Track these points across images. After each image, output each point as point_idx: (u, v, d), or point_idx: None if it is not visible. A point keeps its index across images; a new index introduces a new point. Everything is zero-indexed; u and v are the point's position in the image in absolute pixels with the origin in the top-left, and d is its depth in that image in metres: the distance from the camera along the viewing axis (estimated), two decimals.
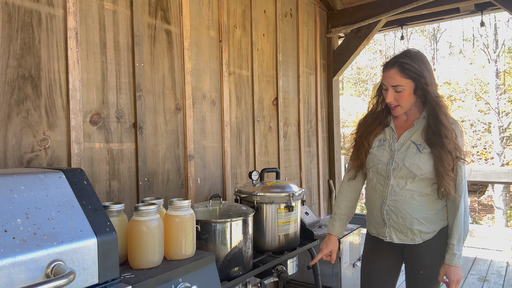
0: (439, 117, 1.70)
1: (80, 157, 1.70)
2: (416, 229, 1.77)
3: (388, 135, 1.84)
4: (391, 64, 1.74)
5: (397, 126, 1.85)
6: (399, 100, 1.75)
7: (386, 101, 1.78)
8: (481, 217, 11.30)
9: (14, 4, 1.50)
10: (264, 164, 2.99)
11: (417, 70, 1.69)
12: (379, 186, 1.84)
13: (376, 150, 1.85)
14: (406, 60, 1.71)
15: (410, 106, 1.78)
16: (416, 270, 1.81)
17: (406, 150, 1.76)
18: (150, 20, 2.07)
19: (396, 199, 1.78)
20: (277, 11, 3.18)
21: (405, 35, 13.13)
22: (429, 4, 3.50)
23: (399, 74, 1.71)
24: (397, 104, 1.76)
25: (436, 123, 1.71)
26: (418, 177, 1.73)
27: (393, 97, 1.74)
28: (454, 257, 1.70)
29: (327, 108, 4.12)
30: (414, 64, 1.70)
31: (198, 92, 2.37)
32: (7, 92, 1.48)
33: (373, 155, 1.85)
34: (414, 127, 1.78)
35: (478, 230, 5.27)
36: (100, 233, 1.01)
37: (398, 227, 1.81)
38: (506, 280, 3.99)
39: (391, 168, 1.78)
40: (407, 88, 1.72)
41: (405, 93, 1.72)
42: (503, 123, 12.16)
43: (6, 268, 0.83)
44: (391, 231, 1.83)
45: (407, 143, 1.78)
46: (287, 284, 3.01)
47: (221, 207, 1.97)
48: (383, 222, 1.84)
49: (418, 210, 1.76)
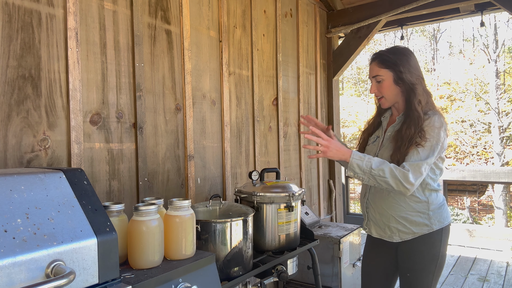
0: (411, 101, 1.76)
1: (80, 157, 1.70)
2: (394, 226, 1.79)
3: (380, 132, 1.96)
4: (373, 58, 1.87)
5: (388, 124, 1.94)
6: (381, 91, 1.84)
7: (370, 93, 1.88)
8: (481, 217, 11.30)
9: (14, 4, 1.50)
10: (264, 164, 2.99)
11: (393, 59, 1.79)
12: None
13: (370, 146, 1.96)
14: (385, 53, 1.84)
15: (394, 98, 1.85)
16: (405, 273, 1.81)
17: (388, 145, 1.84)
18: (150, 20, 2.07)
19: (374, 193, 1.86)
20: (277, 11, 3.18)
21: (405, 35, 13.14)
22: (429, 4, 3.50)
23: (377, 65, 1.83)
24: (381, 96, 1.86)
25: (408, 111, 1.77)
26: None
27: (376, 88, 1.85)
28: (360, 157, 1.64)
29: (327, 108, 4.12)
30: (392, 55, 1.80)
31: (198, 92, 2.37)
32: (7, 92, 1.48)
33: (367, 151, 1.96)
34: (397, 122, 1.86)
35: (478, 230, 5.26)
36: (100, 233, 1.01)
37: (376, 221, 1.87)
38: (506, 280, 3.99)
39: None
40: (386, 77, 1.81)
41: (385, 83, 1.81)
42: (503, 123, 12.17)
43: (6, 268, 0.83)
44: (370, 225, 1.90)
45: (390, 138, 1.85)
46: (287, 284, 3.01)
47: (221, 207, 1.97)
48: (365, 215, 1.93)
49: (396, 208, 1.78)
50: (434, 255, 1.77)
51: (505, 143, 12.44)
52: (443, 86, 14.66)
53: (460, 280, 4.03)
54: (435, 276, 1.77)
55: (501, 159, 12.02)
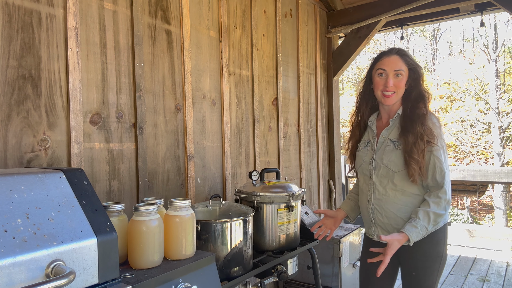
0: (418, 104, 1.77)
1: (80, 157, 1.70)
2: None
3: (371, 136, 1.91)
4: (390, 51, 1.84)
5: (378, 127, 1.91)
6: (397, 86, 1.79)
7: (388, 85, 1.78)
8: (481, 217, 11.30)
9: (14, 4, 1.50)
10: (264, 164, 2.99)
11: (413, 61, 1.82)
12: (365, 186, 1.90)
13: (362, 151, 1.93)
14: (402, 51, 1.84)
15: (400, 97, 1.83)
16: (409, 272, 1.81)
17: (384, 148, 1.81)
18: (150, 20, 2.07)
19: (380, 198, 1.82)
20: (277, 11, 3.18)
21: (405, 35, 13.12)
22: (429, 4, 3.50)
23: (400, 59, 1.79)
24: (394, 91, 1.80)
25: (412, 109, 1.77)
26: (397, 174, 1.75)
27: (393, 82, 1.79)
28: (414, 230, 1.65)
29: (327, 108, 4.12)
30: (409, 56, 1.84)
31: (198, 92, 2.37)
32: (7, 92, 1.48)
33: (359, 157, 1.93)
34: (391, 125, 1.84)
35: (478, 230, 5.26)
36: (100, 233, 1.01)
37: (384, 226, 1.84)
38: (506, 280, 3.99)
39: (373, 167, 1.84)
40: (405, 74, 1.79)
41: (403, 79, 1.79)
42: (503, 123, 12.17)
43: (6, 268, 0.83)
44: (378, 230, 1.87)
45: (385, 141, 1.83)
46: (287, 284, 3.01)
47: (221, 207, 1.97)
48: (370, 221, 1.88)
49: (403, 210, 1.77)
50: (439, 253, 1.78)
51: (505, 143, 12.44)
52: (443, 86, 14.66)
53: (460, 280, 4.03)
54: (438, 274, 1.79)
55: (501, 159, 12.02)
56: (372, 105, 1.96)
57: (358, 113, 1.99)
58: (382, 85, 1.80)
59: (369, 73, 1.91)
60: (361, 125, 1.97)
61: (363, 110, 1.96)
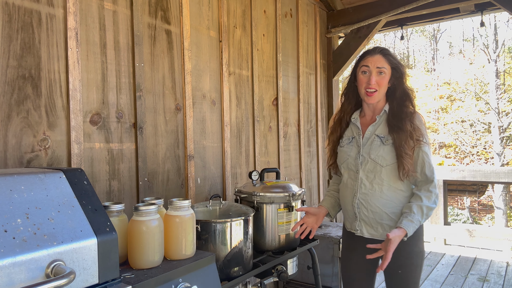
0: (404, 102, 1.83)
1: (80, 157, 1.70)
2: (386, 224, 1.79)
3: (355, 132, 1.93)
4: (374, 50, 1.89)
5: (363, 124, 1.93)
6: (379, 84, 1.83)
7: (370, 83, 1.82)
8: (481, 217, 11.30)
9: (14, 4, 1.50)
10: (264, 164, 2.99)
11: (395, 60, 1.87)
12: (350, 181, 1.90)
13: (345, 147, 1.94)
14: (386, 50, 1.89)
15: (382, 95, 1.87)
16: (395, 270, 1.80)
17: (371, 143, 1.84)
18: (150, 20, 2.07)
19: (366, 192, 1.83)
20: (277, 11, 3.18)
21: (405, 35, 13.13)
22: (429, 4, 3.50)
23: (383, 58, 1.84)
24: (376, 89, 1.84)
25: (400, 107, 1.82)
26: (384, 169, 1.78)
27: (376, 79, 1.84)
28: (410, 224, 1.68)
29: (327, 108, 4.12)
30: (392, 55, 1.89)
31: (198, 92, 2.37)
32: (7, 92, 1.48)
33: (343, 152, 1.94)
34: (377, 121, 1.87)
35: (478, 230, 5.26)
36: (100, 233, 1.01)
37: (368, 221, 1.85)
38: (506, 280, 3.99)
39: (359, 162, 1.85)
40: (387, 72, 1.84)
41: (385, 77, 1.84)
42: (503, 123, 12.17)
43: (6, 268, 0.83)
44: (361, 225, 1.87)
45: (372, 137, 1.85)
46: (287, 284, 3.01)
47: (221, 207, 1.97)
48: (354, 216, 1.89)
49: (388, 205, 1.79)
50: (420, 249, 1.82)
51: (505, 143, 12.44)
52: (443, 86, 14.66)
53: (460, 280, 4.03)
54: (421, 270, 1.83)
55: (501, 159, 12.03)
56: (355, 102, 1.99)
57: (341, 109, 2.02)
58: (365, 82, 1.84)
59: (354, 71, 1.96)
60: (342, 122, 2.00)
61: (347, 107, 1.99)
